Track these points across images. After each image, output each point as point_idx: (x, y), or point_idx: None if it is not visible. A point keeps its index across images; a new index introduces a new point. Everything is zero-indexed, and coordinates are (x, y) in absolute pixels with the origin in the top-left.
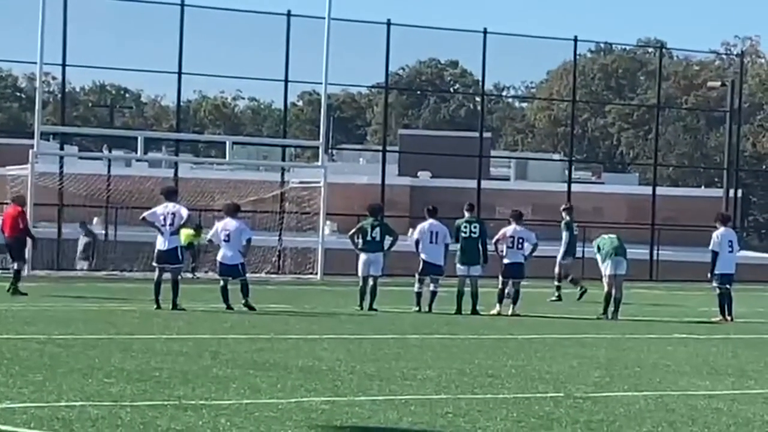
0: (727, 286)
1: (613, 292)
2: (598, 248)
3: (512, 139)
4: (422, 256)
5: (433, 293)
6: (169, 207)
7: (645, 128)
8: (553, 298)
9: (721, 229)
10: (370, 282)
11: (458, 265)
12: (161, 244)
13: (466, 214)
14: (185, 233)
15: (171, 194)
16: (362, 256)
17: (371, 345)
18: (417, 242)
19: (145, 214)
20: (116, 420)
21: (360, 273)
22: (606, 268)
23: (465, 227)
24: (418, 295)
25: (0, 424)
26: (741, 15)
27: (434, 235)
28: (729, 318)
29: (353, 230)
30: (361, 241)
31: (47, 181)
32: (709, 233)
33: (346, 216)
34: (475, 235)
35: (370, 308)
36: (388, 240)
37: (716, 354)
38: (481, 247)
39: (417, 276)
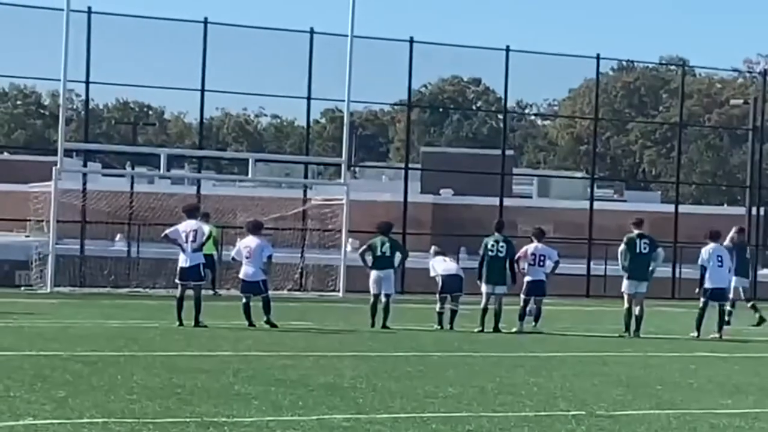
0: (721, 303)
1: (635, 309)
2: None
3: (534, 156)
4: (443, 273)
5: (454, 311)
6: (191, 224)
7: (667, 146)
8: (755, 323)
9: (711, 245)
10: (383, 299)
11: (483, 284)
12: (183, 261)
13: (496, 234)
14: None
15: (192, 212)
16: (373, 274)
17: (393, 362)
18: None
19: (167, 231)
20: None
21: (372, 291)
22: (626, 286)
23: (493, 246)
24: (441, 314)
25: None
26: (763, 33)
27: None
28: (718, 334)
29: (363, 248)
30: (371, 258)
31: (70, 198)
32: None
33: (368, 233)
34: (502, 255)
35: (383, 326)
36: (398, 257)
37: (739, 372)
38: (507, 266)
39: (438, 296)
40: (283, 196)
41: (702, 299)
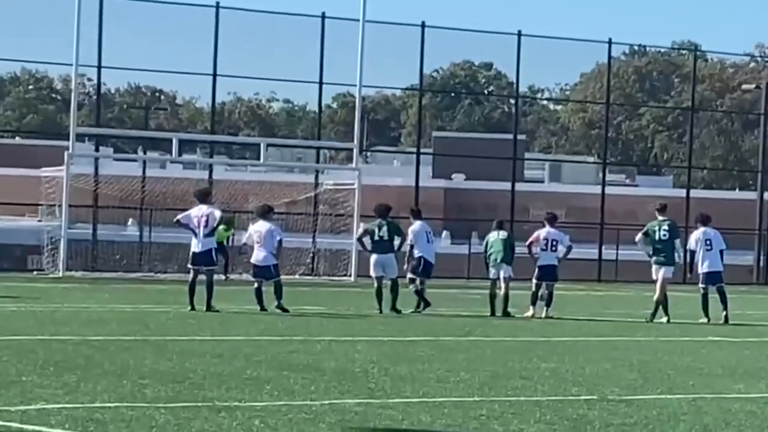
0: (717, 284)
1: (657, 294)
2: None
3: (546, 141)
4: (424, 256)
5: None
6: (203, 209)
7: (679, 131)
8: None
9: (701, 229)
10: (388, 283)
11: (490, 269)
12: (196, 246)
13: (496, 233)
14: (218, 231)
15: (204, 196)
16: (372, 258)
17: (405, 347)
18: (411, 246)
19: (179, 216)
20: (150, 421)
21: (373, 274)
22: (654, 271)
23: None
24: (422, 291)
25: (35, 424)
26: None
27: (429, 234)
28: (724, 317)
29: (360, 232)
30: (369, 242)
31: (82, 183)
32: (744, 236)
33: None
34: (503, 237)
35: (393, 309)
36: (397, 240)
37: (750, 357)
38: (509, 248)
39: (420, 277)
40: (294, 180)
41: (701, 285)
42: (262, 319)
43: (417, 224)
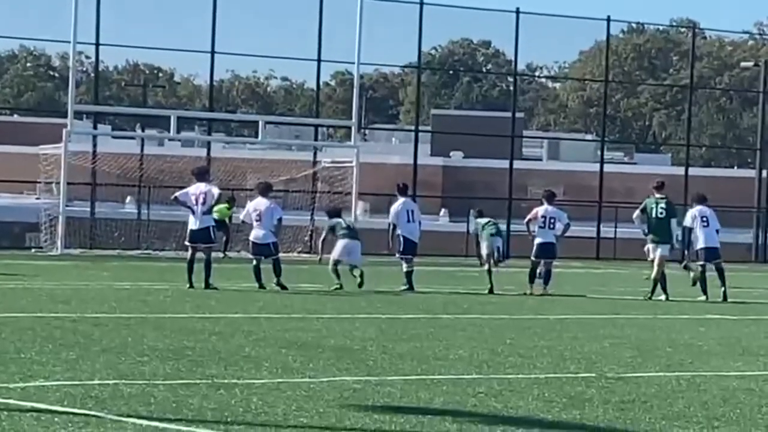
0: (715, 260)
1: (653, 272)
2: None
3: (545, 119)
4: (404, 234)
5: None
6: (200, 187)
7: (677, 108)
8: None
9: (697, 208)
10: (354, 271)
11: (484, 245)
12: (193, 223)
13: (482, 219)
14: (219, 208)
15: (202, 174)
16: (341, 242)
17: (403, 325)
18: (394, 224)
19: (177, 194)
20: (149, 398)
21: (337, 256)
22: (651, 249)
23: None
24: (409, 274)
25: (33, 401)
26: None
27: (410, 213)
28: (723, 294)
29: (324, 234)
30: (339, 231)
31: (80, 160)
32: (743, 214)
33: (378, 196)
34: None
35: (360, 286)
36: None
37: (749, 335)
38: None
39: (401, 257)
40: (293, 158)
41: (699, 262)
42: (260, 297)
43: (399, 202)
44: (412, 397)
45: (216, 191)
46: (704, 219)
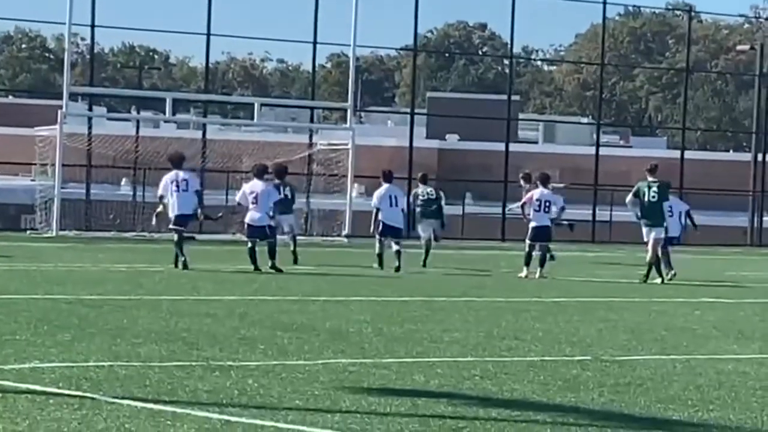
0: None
1: (649, 255)
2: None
3: (540, 102)
4: (382, 219)
5: (398, 252)
6: (180, 174)
7: (673, 92)
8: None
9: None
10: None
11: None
12: (177, 208)
13: (422, 185)
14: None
15: (179, 162)
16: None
17: (398, 307)
18: (377, 209)
19: (159, 192)
20: (144, 380)
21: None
22: (645, 233)
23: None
24: (380, 256)
25: (29, 383)
26: None
27: (393, 198)
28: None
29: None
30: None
31: (76, 142)
32: (738, 198)
33: (373, 178)
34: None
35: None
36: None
37: (744, 318)
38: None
39: (377, 237)
40: (288, 140)
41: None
42: (255, 279)
43: (383, 188)
44: (407, 380)
45: (196, 182)
46: (670, 207)
